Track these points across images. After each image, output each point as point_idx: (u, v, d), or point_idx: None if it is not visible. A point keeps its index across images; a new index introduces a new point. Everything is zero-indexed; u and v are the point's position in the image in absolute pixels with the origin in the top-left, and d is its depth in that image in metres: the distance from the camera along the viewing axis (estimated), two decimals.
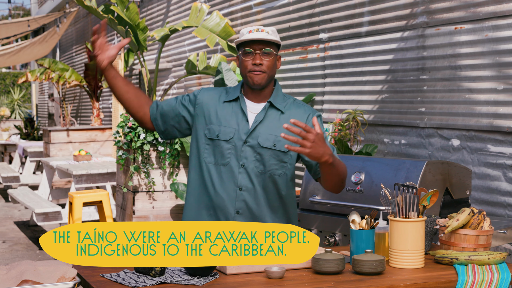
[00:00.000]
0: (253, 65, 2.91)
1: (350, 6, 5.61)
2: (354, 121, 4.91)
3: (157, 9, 10.13)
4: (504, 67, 4.22)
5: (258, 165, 2.94)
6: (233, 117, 2.97)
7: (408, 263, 2.66)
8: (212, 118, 2.98)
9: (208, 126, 2.98)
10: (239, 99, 2.99)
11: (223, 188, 2.94)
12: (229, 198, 2.94)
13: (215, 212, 2.97)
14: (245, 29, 2.98)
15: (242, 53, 2.94)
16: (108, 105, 12.53)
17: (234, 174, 2.93)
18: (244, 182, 2.94)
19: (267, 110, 2.98)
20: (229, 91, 3.04)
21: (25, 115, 18.56)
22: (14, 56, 15.16)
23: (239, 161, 2.93)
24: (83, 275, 2.53)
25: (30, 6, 21.87)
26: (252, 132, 2.94)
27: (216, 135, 2.95)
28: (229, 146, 2.94)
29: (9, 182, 10.54)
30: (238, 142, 2.94)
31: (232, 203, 2.94)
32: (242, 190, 2.94)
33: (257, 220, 2.97)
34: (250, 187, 2.94)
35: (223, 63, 5.57)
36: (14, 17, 29.81)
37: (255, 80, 2.92)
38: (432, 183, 3.54)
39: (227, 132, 2.95)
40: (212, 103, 3.01)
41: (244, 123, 2.96)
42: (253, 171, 2.94)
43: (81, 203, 5.41)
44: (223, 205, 2.95)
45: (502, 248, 4.17)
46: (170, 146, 5.49)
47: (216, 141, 2.95)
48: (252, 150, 2.93)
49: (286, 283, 2.43)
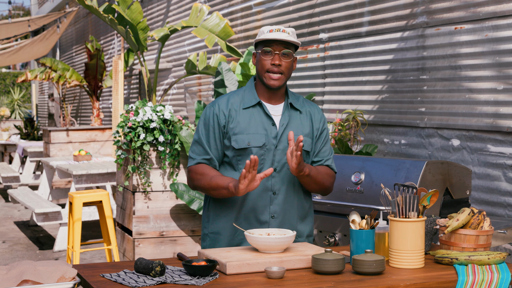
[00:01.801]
0: (271, 65, 2.93)
1: (350, 6, 5.61)
2: (354, 121, 4.91)
3: (157, 9, 10.13)
4: (504, 67, 4.22)
5: (289, 166, 2.93)
6: (259, 122, 2.96)
7: (408, 263, 2.66)
8: (235, 129, 2.95)
9: (234, 137, 2.95)
10: (259, 104, 2.99)
11: (257, 194, 2.94)
12: (263, 204, 2.95)
13: (248, 218, 2.97)
14: (265, 27, 2.98)
15: (261, 52, 2.94)
16: (108, 105, 12.53)
17: (268, 179, 2.94)
18: (278, 186, 2.95)
19: (290, 111, 3.01)
20: (245, 96, 3.01)
21: (25, 115, 18.56)
22: (14, 55, 15.15)
23: (272, 166, 2.94)
24: (83, 275, 2.53)
25: (30, 6, 21.86)
26: (281, 135, 2.96)
27: (246, 143, 2.93)
28: (262, 152, 2.94)
29: (9, 182, 10.54)
30: (271, 146, 2.95)
31: (267, 208, 2.95)
32: (276, 194, 2.96)
33: (289, 222, 2.99)
34: (284, 190, 2.96)
35: (223, 63, 5.57)
36: (14, 17, 29.79)
37: (272, 84, 2.94)
38: (432, 183, 3.54)
39: (257, 138, 2.94)
40: (231, 113, 2.98)
41: (271, 127, 2.96)
42: (285, 174, 2.96)
43: (81, 203, 5.41)
44: (258, 211, 2.95)
45: (502, 248, 4.17)
46: (170, 146, 5.48)
47: (247, 149, 2.94)
48: (283, 153, 2.95)
49: (286, 283, 2.43)
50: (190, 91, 8.87)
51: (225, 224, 3.00)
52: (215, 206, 3.03)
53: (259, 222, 2.96)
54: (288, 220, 2.99)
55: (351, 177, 3.79)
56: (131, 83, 11.49)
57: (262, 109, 2.98)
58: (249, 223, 2.96)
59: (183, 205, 5.62)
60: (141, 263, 2.51)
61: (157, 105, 5.56)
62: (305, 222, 3.07)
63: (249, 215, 2.96)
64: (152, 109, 5.47)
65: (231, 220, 2.98)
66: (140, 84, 10.90)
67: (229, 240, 3.00)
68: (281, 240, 2.69)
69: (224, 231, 3.00)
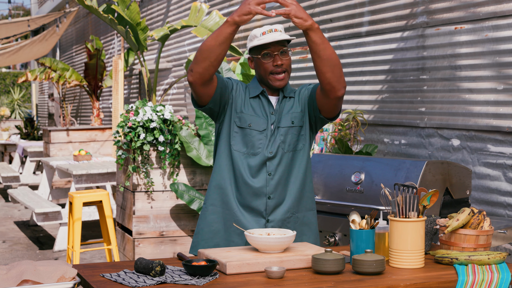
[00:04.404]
0: (274, 66, 2.99)
1: (350, 6, 5.61)
2: (354, 121, 4.91)
3: (157, 9, 10.13)
4: (504, 67, 4.22)
5: (283, 146, 3.02)
6: (262, 109, 3.04)
7: (408, 263, 2.66)
8: (242, 108, 3.04)
9: (239, 115, 3.03)
10: (263, 94, 3.06)
11: (254, 175, 3.01)
12: (260, 185, 3.00)
13: (246, 197, 3.01)
14: (257, 30, 3.01)
15: (261, 57, 3.00)
16: (108, 105, 12.53)
17: (264, 161, 3.00)
18: (273, 167, 3.01)
19: (283, 100, 3.07)
20: (250, 88, 3.09)
21: (25, 115, 18.56)
22: (14, 55, 15.15)
23: (268, 150, 3.01)
24: (83, 275, 2.53)
25: (30, 6, 21.86)
26: (277, 121, 3.03)
27: (248, 124, 3.02)
28: (261, 137, 3.01)
29: (9, 182, 10.54)
30: (268, 133, 3.02)
31: (263, 189, 3.00)
32: (271, 175, 3.01)
33: (285, 202, 3.03)
34: (279, 170, 3.01)
35: (223, 63, 5.57)
36: (14, 17, 29.80)
37: (279, 84, 3.03)
38: (432, 183, 3.54)
39: (260, 122, 3.02)
40: (242, 95, 3.06)
41: (271, 115, 3.04)
42: (281, 154, 3.02)
43: (81, 203, 5.41)
44: (255, 192, 3.00)
45: (502, 248, 4.17)
46: (170, 146, 5.48)
47: (246, 130, 3.02)
48: (279, 135, 3.02)
49: (286, 283, 2.43)
50: (190, 91, 8.87)
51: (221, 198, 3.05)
52: (215, 181, 3.07)
53: (256, 201, 3.00)
54: (284, 199, 3.03)
55: (351, 177, 3.79)
56: (131, 83, 11.49)
57: (265, 98, 3.06)
58: (246, 201, 3.01)
59: (183, 205, 5.62)
60: (141, 263, 2.51)
61: (157, 105, 5.56)
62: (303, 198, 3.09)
63: (246, 195, 3.01)
64: (152, 109, 5.47)
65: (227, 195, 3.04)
66: (140, 84, 10.90)
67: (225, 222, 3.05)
68: (281, 240, 2.69)
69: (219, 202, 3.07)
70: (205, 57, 2.82)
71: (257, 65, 3.02)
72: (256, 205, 3.01)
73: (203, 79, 2.88)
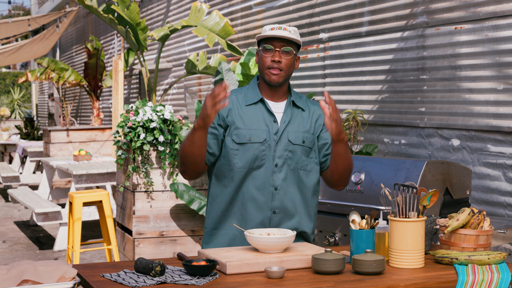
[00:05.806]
0: (272, 61, 2.96)
1: (350, 6, 5.61)
2: (354, 121, 4.91)
3: (157, 9, 10.13)
4: (504, 67, 4.22)
5: (290, 162, 2.97)
6: (260, 118, 2.99)
7: (408, 263, 2.66)
8: (238, 123, 2.97)
9: (235, 131, 2.97)
10: (261, 101, 3.01)
11: (259, 190, 2.96)
12: (265, 199, 2.96)
13: (250, 213, 2.97)
14: (268, 26, 3.02)
15: (262, 50, 2.98)
16: (108, 105, 12.53)
17: (269, 175, 2.96)
18: (279, 181, 2.96)
19: (292, 109, 3.03)
20: (247, 93, 3.04)
21: (25, 115, 18.56)
22: (14, 55, 15.14)
23: (273, 162, 2.96)
24: (83, 275, 2.53)
25: (30, 6, 21.86)
26: (282, 131, 2.98)
27: (247, 138, 2.96)
28: (263, 148, 2.96)
29: (9, 182, 10.54)
30: (272, 142, 2.97)
31: (269, 204, 2.96)
32: (278, 189, 2.96)
33: (292, 218, 2.99)
34: (285, 185, 2.97)
35: (223, 63, 5.57)
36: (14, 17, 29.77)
37: (272, 79, 2.97)
38: (432, 183, 3.54)
39: (259, 134, 2.96)
40: (234, 108, 3.00)
41: (273, 123, 2.98)
42: (287, 170, 2.97)
43: (81, 203, 5.41)
44: (260, 207, 2.96)
45: (502, 248, 4.17)
46: (170, 146, 5.48)
47: (247, 145, 2.95)
48: (284, 149, 2.97)
49: (286, 283, 2.43)
50: (190, 91, 8.87)
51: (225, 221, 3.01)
52: (215, 206, 3.03)
53: (262, 216, 2.96)
54: (290, 215, 2.99)
55: (351, 177, 3.79)
56: (131, 83, 11.49)
57: (264, 106, 3.00)
58: (251, 218, 2.97)
59: (183, 205, 5.62)
60: (141, 263, 2.51)
61: (157, 105, 5.56)
62: (310, 216, 3.06)
63: (251, 211, 2.96)
64: (152, 109, 5.47)
65: (230, 212, 3.00)
66: (140, 84, 10.91)
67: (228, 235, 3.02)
68: (281, 240, 2.69)
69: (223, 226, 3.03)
70: (191, 162, 2.93)
71: (259, 58, 3.02)
72: (261, 219, 2.97)
73: (200, 172, 3.01)
